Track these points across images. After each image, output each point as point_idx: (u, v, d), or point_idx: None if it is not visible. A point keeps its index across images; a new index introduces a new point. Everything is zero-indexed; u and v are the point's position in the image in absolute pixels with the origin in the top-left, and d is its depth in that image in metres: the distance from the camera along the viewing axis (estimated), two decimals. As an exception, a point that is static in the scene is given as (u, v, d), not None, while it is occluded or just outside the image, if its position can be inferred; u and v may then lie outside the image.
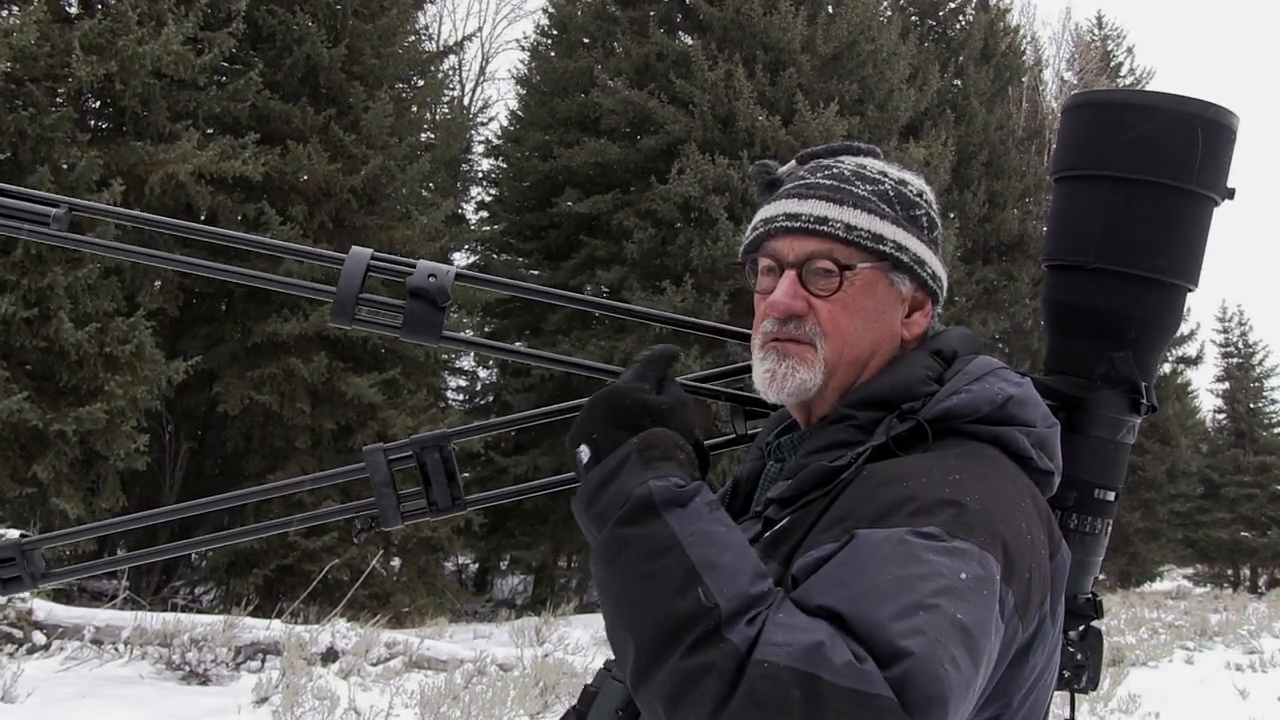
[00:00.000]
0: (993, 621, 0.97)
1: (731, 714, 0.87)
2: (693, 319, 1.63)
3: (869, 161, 1.33)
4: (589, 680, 1.32)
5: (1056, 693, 1.38)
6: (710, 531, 0.98)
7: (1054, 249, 1.54)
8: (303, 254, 1.46)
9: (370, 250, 1.33)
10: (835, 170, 1.30)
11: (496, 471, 17.50)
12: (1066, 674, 1.40)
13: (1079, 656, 1.42)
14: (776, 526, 1.15)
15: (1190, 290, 1.51)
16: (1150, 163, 1.44)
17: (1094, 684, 1.45)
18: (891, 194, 1.28)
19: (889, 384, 1.21)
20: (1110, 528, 1.48)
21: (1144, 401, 1.46)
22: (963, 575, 0.96)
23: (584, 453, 1.11)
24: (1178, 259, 1.47)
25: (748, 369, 1.40)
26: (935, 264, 1.30)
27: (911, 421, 1.15)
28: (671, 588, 0.94)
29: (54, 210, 1.33)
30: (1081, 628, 1.45)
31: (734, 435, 1.49)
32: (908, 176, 1.33)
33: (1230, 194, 1.49)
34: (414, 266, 1.31)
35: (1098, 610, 1.45)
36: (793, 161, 1.37)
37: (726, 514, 1.03)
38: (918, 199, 1.32)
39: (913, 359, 1.24)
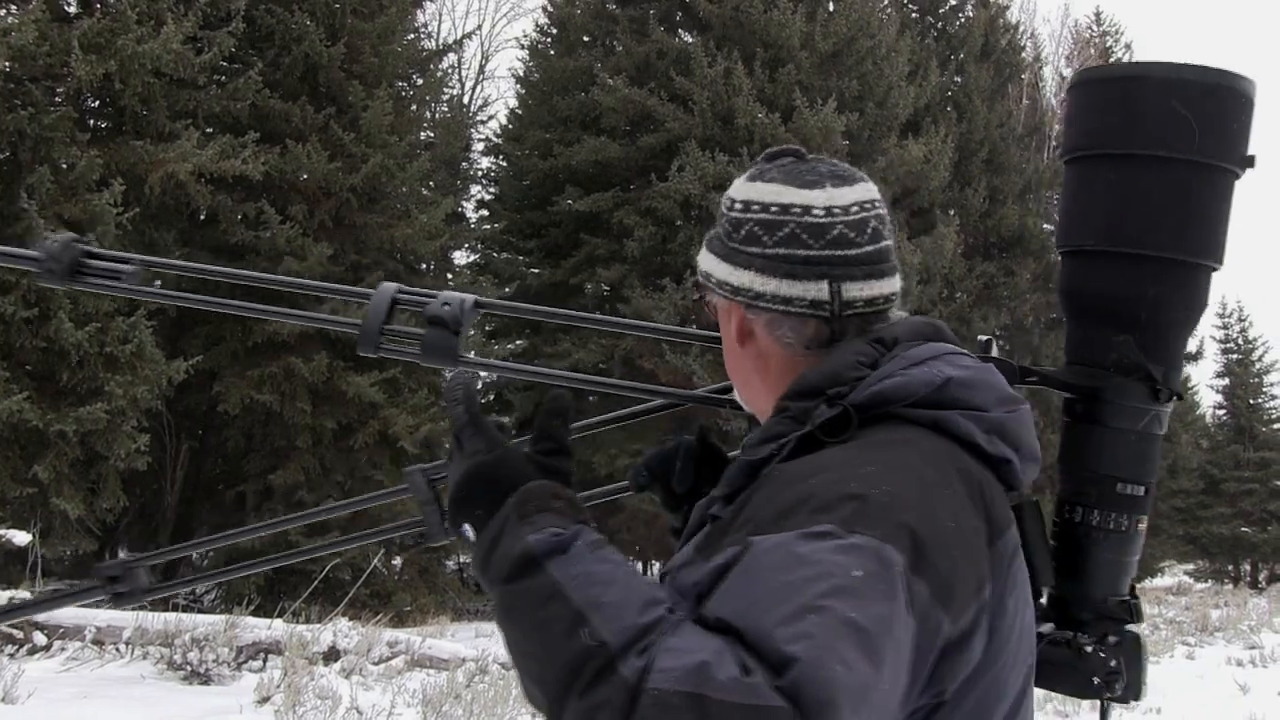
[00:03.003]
0: (896, 616, 0.94)
1: None
2: (687, 330, 1.65)
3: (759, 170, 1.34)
4: None
5: (1087, 700, 1.34)
6: (592, 571, 0.98)
7: (1063, 233, 1.50)
8: (336, 292, 1.60)
9: (397, 285, 1.44)
10: None
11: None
12: (1097, 680, 1.33)
13: (1112, 663, 1.34)
14: (713, 523, 1.16)
15: (1211, 268, 1.43)
16: (1147, 137, 1.38)
17: (1135, 693, 1.36)
18: (720, 217, 1.33)
19: (820, 372, 1.19)
20: (1142, 525, 1.40)
21: (1161, 388, 1.39)
22: (856, 573, 0.94)
23: (468, 531, 1.12)
24: (1187, 235, 1.39)
25: None
26: (719, 270, 1.30)
27: (839, 407, 1.14)
28: (561, 632, 0.94)
29: (126, 268, 1.50)
30: (1116, 633, 1.37)
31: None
32: (732, 186, 1.33)
33: (1249, 162, 1.41)
34: (435, 297, 1.42)
35: (1133, 614, 1.38)
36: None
37: (614, 551, 1.03)
38: (730, 209, 1.31)
39: (848, 347, 1.22)
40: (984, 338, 1.42)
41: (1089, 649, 1.34)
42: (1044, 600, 1.40)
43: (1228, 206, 1.41)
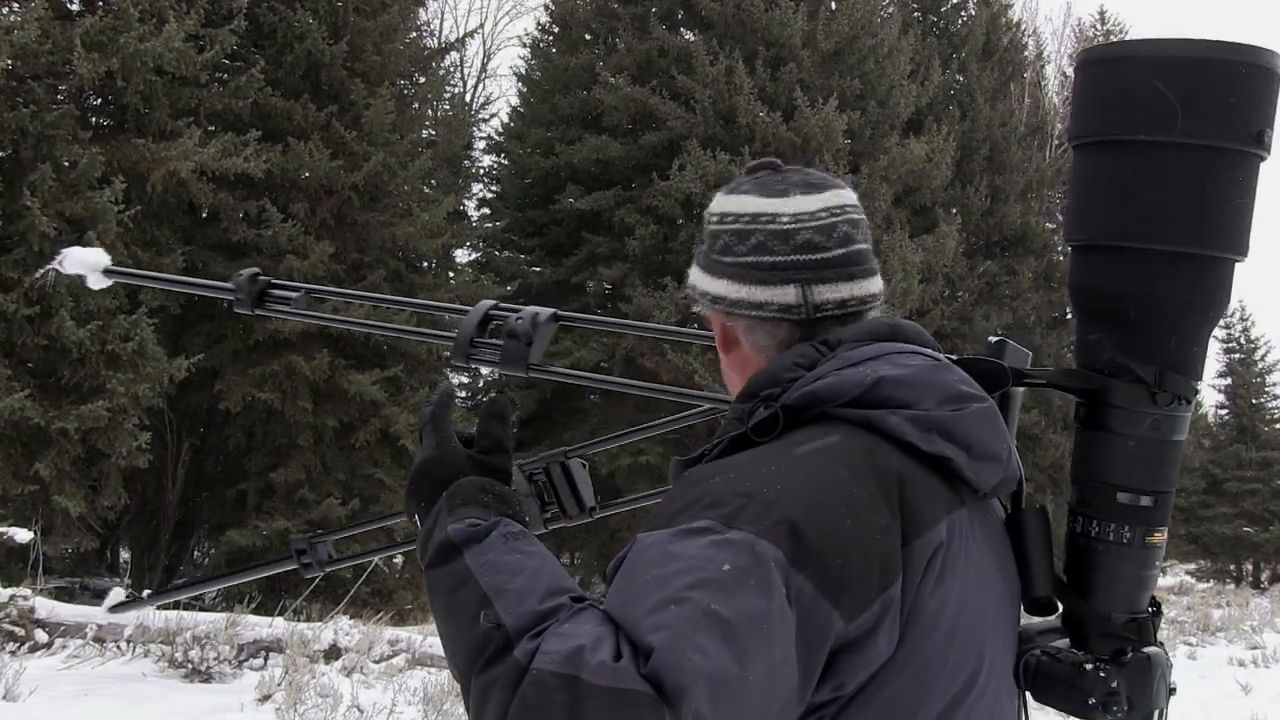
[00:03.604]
0: (771, 610, 0.97)
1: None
2: None
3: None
4: None
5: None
6: (501, 560, 1.07)
7: (1065, 229, 1.41)
8: (441, 309, 1.94)
9: (492, 302, 1.64)
10: None
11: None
12: (1093, 701, 1.24)
13: (1112, 684, 1.24)
14: None
15: (1227, 259, 1.29)
16: (1128, 120, 1.27)
17: (1142, 715, 1.27)
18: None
19: (760, 375, 1.24)
20: (1152, 538, 1.30)
21: (1155, 390, 1.27)
22: (725, 567, 0.98)
23: (416, 522, 1.21)
24: (1184, 225, 1.26)
25: None
26: (703, 281, 1.34)
27: (771, 408, 1.17)
28: (469, 615, 1.03)
29: (294, 295, 1.73)
30: (1122, 652, 1.28)
31: None
32: (714, 199, 1.37)
33: (1259, 138, 1.26)
34: (518, 311, 1.61)
35: (1141, 634, 1.30)
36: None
37: (531, 542, 1.11)
38: (709, 223, 1.35)
39: (792, 349, 1.25)
40: (995, 338, 1.39)
41: (1088, 667, 1.25)
42: (1059, 614, 1.34)
43: (1248, 191, 1.28)
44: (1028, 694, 1.29)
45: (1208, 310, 1.31)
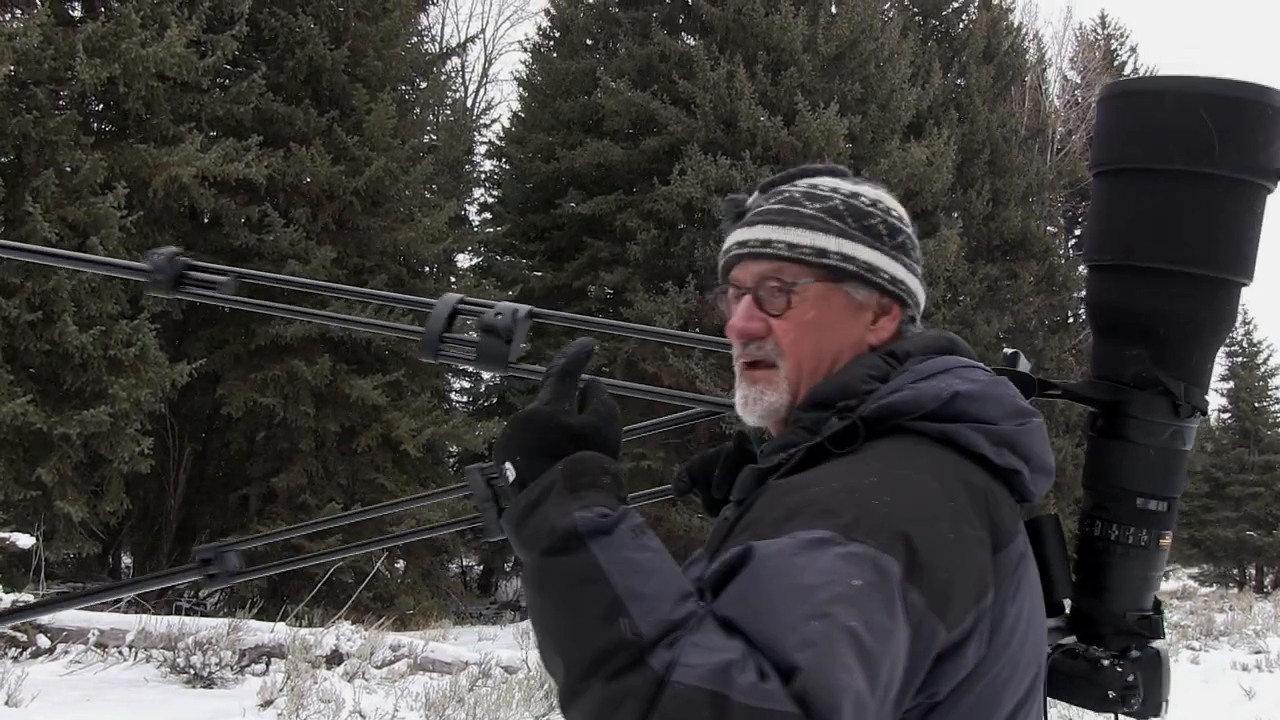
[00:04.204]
0: (894, 624, 0.98)
1: None
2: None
3: (822, 180, 1.36)
4: None
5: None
6: (634, 559, 1.00)
7: (1086, 248, 1.51)
8: (400, 301, 1.75)
9: (459, 296, 1.54)
10: (786, 194, 1.34)
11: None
12: (1112, 694, 1.34)
13: (1129, 678, 1.34)
14: (732, 524, 1.20)
15: (1238, 283, 1.41)
16: (1165, 151, 1.38)
17: (1154, 710, 1.37)
18: (841, 208, 1.31)
19: (831, 384, 1.24)
20: (1164, 540, 1.39)
21: (1181, 403, 1.38)
22: (855, 581, 0.97)
23: (509, 471, 1.12)
24: (1214, 250, 1.38)
25: None
26: (892, 268, 1.32)
27: (848, 419, 1.18)
28: (596, 616, 0.97)
29: (223, 279, 1.60)
30: (1136, 648, 1.37)
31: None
32: (862, 189, 1.35)
33: (1276, 176, 1.39)
34: (492, 307, 1.51)
35: (1154, 630, 1.39)
36: (756, 191, 1.41)
37: (653, 537, 1.05)
38: (870, 208, 1.33)
39: (860, 360, 1.27)
40: (1009, 350, 1.44)
41: (1105, 663, 1.34)
42: (1067, 613, 1.41)
43: (1258, 221, 1.40)
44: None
45: (1221, 330, 1.44)
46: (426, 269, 18.04)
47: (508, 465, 1.12)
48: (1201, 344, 1.42)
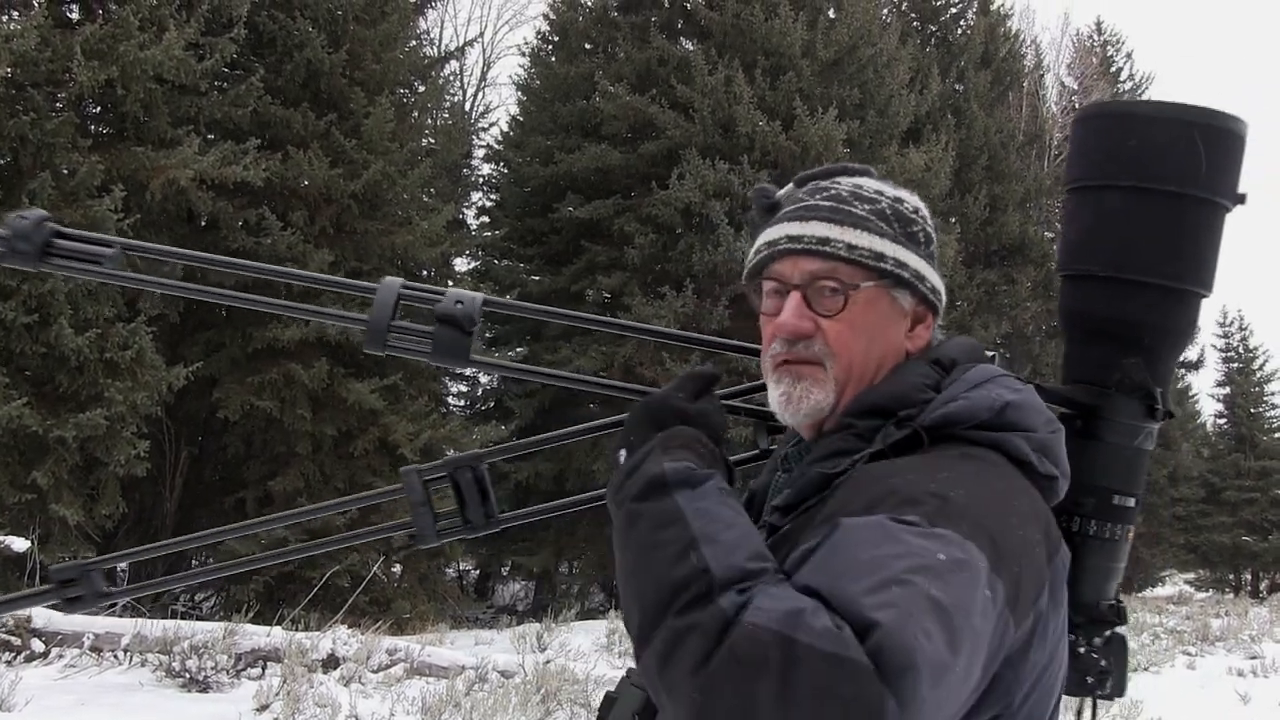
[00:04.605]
0: (976, 605, 0.99)
1: (712, 670, 0.91)
2: (695, 334, 1.69)
3: (864, 181, 1.36)
4: (590, 687, 1.37)
5: (1069, 697, 1.40)
6: (715, 511, 1.04)
7: (1068, 258, 1.57)
8: (337, 285, 1.55)
9: (401, 280, 1.40)
10: (833, 191, 1.33)
11: (499, 478, 17.46)
12: (1090, 679, 1.42)
13: (1103, 663, 1.43)
14: (778, 532, 1.20)
15: (1204, 296, 1.53)
16: (1161, 170, 1.46)
17: (1119, 690, 1.46)
18: (889, 212, 1.32)
19: (887, 392, 1.25)
20: (1131, 534, 1.49)
21: (1159, 407, 1.48)
22: (940, 556, 0.98)
23: (622, 455, 1.20)
24: (1189, 265, 1.49)
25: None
26: (934, 278, 1.35)
27: (908, 428, 1.19)
28: (672, 554, 1.00)
29: (108, 251, 1.39)
30: (1106, 634, 1.46)
31: (757, 450, 1.54)
32: (903, 194, 1.36)
33: (1241, 199, 1.50)
34: (443, 294, 1.39)
35: (1121, 616, 1.47)
36: (790, 184, 1.41)
37: (739, 505, 1.09)
38: (914, 216, 1.35)
39: (911, 368, 1.28)
40: (990, 353, 1.47)
41: (1082, 650, 1.42)
42: None
43: (1220, 239, 1.52)
44: None
45: (1187, 339, 1.56)
46: (424, 272, 18.03)
47: (621, 451, 1.21)
48: (1175, 352, 1.54)
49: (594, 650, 10.03)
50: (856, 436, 1.22)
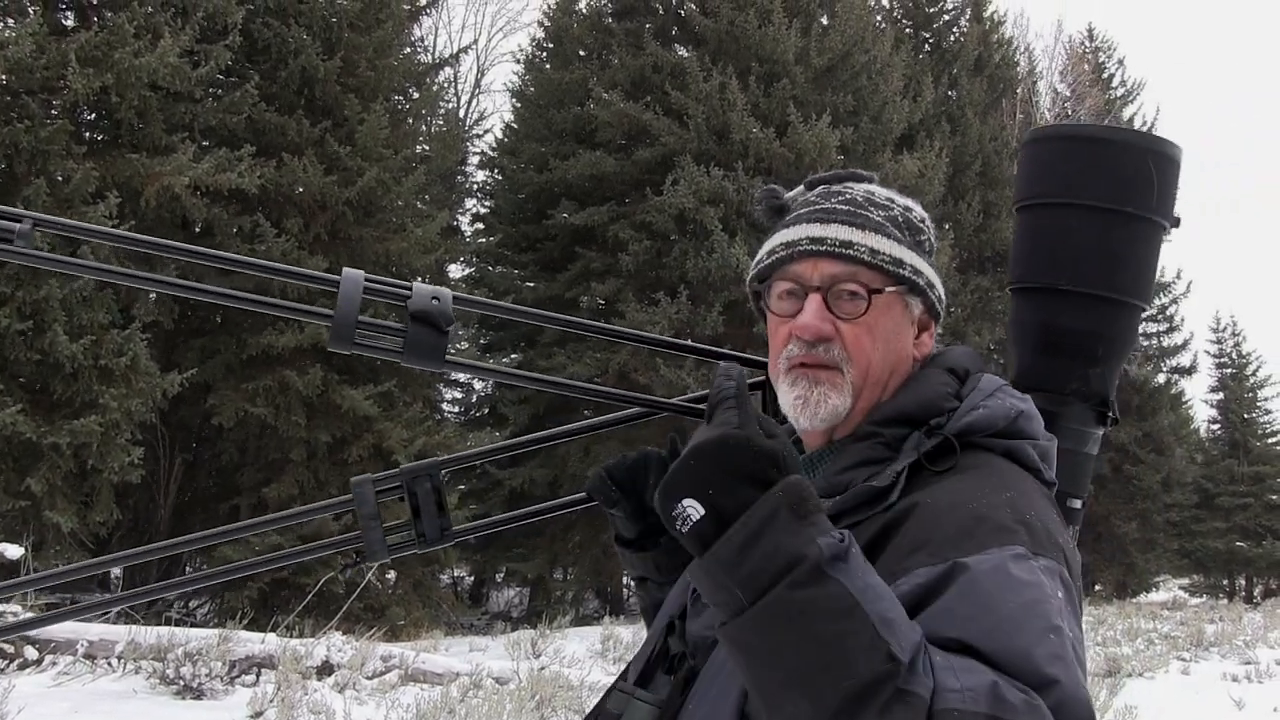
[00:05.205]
0: (1080, 627, 1.07)
1: None
2: (679, 340, 1.70)
3: (875, 188, 1.37)
4: (585, 693, 1.34)
5: None
6: (874, 585, 0.96)
7: (1024, 272, 1.65)
8: (295, 275, 1.34)
9: (363, 272, 1.26)
10: (848, 196, 1.33)
11: (492, 484, 17.46)
12: None
13: None
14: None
15: (1145, 310, 1.66)
16: (1115, 192, 1.57)
17: None
18: (901, 219, 1.33)
19: (914, 401, 1.24)
20: (1076, 533, 1.54)
21: (1111, 414, 1.58)
22: (1060, 594, 1.03)
23: (694, 509, 0.99)
24: (1138, 281, 1.61)
25: (756, 388, 1.43)
26: (940, 286, 1.36)
27: (939, 437, 1.19)
28: (858, 647, 0.91)
29: (18, 226, 1.20)
30: None
31: None
32: (910, 203, 1.37)
33: (1176, 222, 1.62)
34: (409, 288, 1.26)
35: None
36: (800, 187, 1.40)
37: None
38: (921, 224, 1.36)
39: (931, 376, 1.28)
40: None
41: None
42: None
43: (1158, 257, 1.64)
44: None
45: (1130, 349, 1.65)
46: (419, 279, 18.02)
47: (690, 502, 0.99)
48: (1120, 361, 1.63)
49: (588, 656, 10.02)
50: (884, 445, 1.21)
